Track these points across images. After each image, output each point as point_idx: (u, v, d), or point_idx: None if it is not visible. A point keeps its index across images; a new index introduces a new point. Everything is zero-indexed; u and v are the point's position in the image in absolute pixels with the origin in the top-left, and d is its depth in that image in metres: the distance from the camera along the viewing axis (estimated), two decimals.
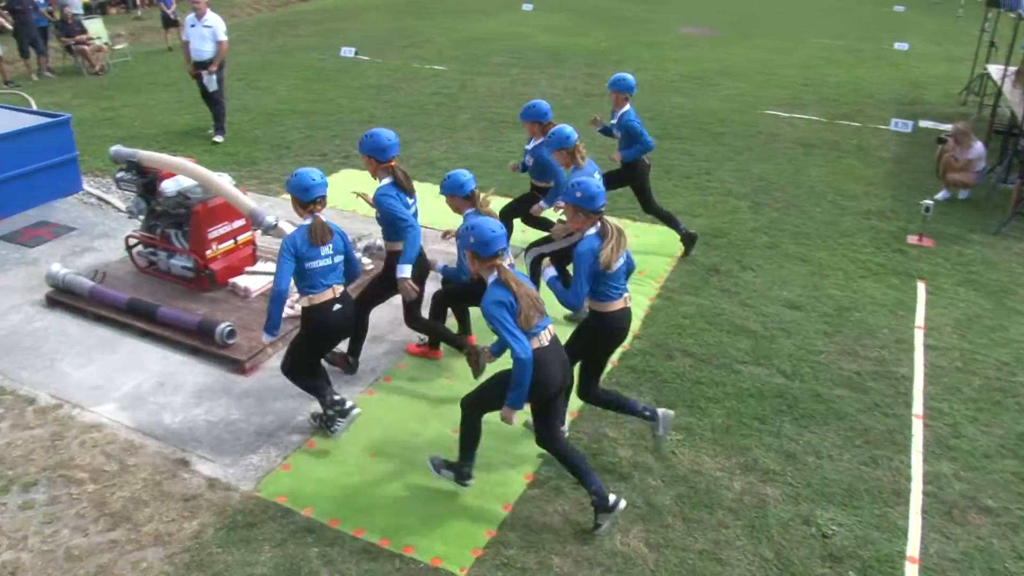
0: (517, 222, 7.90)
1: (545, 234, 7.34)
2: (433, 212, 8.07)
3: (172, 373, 6.37)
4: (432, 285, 6.60)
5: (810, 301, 7.58)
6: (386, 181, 5.98)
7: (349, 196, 8.43)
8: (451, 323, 6.70)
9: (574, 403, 5.96)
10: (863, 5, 29.25)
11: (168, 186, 7.29)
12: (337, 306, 5.40)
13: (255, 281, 7.42)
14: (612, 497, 4.83)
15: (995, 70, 13.13)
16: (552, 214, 7.66)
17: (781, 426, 5.85)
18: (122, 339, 6.82)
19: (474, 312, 6.46)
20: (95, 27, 17.92)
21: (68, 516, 4.95)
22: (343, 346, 6.24)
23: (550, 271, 5.40)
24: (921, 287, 7.92)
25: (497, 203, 7.10)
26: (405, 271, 5.80)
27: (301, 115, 13.50)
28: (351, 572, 4.57)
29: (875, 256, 8.53)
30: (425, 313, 6.43)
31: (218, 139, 11.95)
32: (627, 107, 8.20)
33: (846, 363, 6.63)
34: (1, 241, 8.69)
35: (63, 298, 7.29)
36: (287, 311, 5.88)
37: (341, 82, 15.90)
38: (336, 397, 5.57)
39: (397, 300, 6.24)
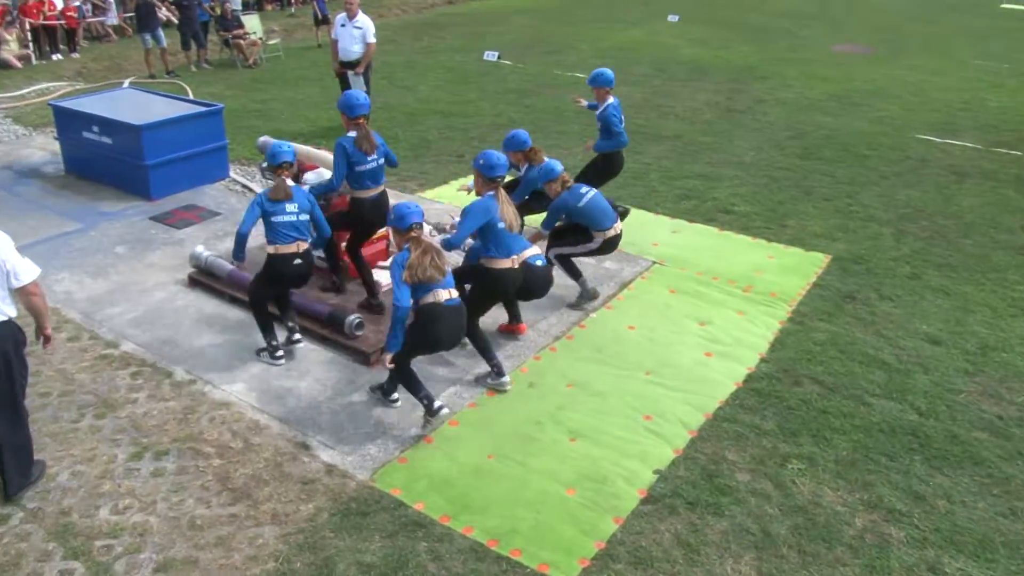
0: None
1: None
2: None
3: (300, 359, 6.59)
4: None
5: (952, 337, 7.20)
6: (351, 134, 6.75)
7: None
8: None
9: (693, 423, 5.87)
10: None
11: (310, 178, 7.54)
12: (297, 260, 6.28)
13: (386, 276, 7.59)
14: (437, 403, 5.65)
15: None
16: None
17: (911, 465, 5.57)
18: (255, 323, 7.08)
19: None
20: (251, 23, 18.79)
21: (194, 487, 5.18)
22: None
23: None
24: None
25: None
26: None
27: (441, 115, 13.75)
28: (457, 570, 4.61)
29: None
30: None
31: None
32: (610, 100, 8.71)
33: (988, 405, 6.27)
34: (152, 221, 9.20)
35: (204, 279, 7.65)
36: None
37: (482, 85, 16.12)
38: (275, 343, 6.49)
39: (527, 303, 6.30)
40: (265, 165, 7.77)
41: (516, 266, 6.28)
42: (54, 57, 17.83)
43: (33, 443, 5.18)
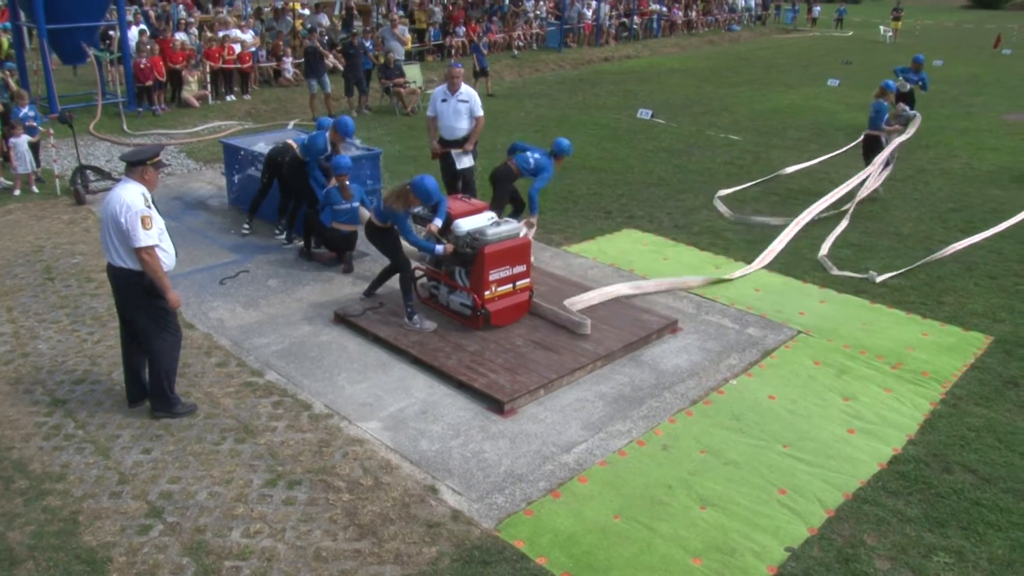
0: None
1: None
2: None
3: (435, 403, 6.72)
4: None
5: None
6: None
7: (624, 257, 8.48)
8: None
9: (831, 502, 5.63)
10: None
11: (461, 226, 7.75)
12: None
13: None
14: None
15: None
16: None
17: None
18: (395, 363, 7.30)
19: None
20: (412, 72, 19.57)
21: (322, 519, 5.33)
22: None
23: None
24: None
25: None
26: None
27: (591, 171, 13.88)
28: None
29: None
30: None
31: None
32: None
33: None
34: (299, 258, 9.64)
35: (349, 317, 7.94)
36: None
37: (634, 142, 16.19)
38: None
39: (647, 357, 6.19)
40: (418, 211, 8.01)
41: None
42: (228, 98, 19.05)
43: (172, 382, 6.33)
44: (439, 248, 7.67)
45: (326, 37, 18.22)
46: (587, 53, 29.79)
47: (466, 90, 10.54)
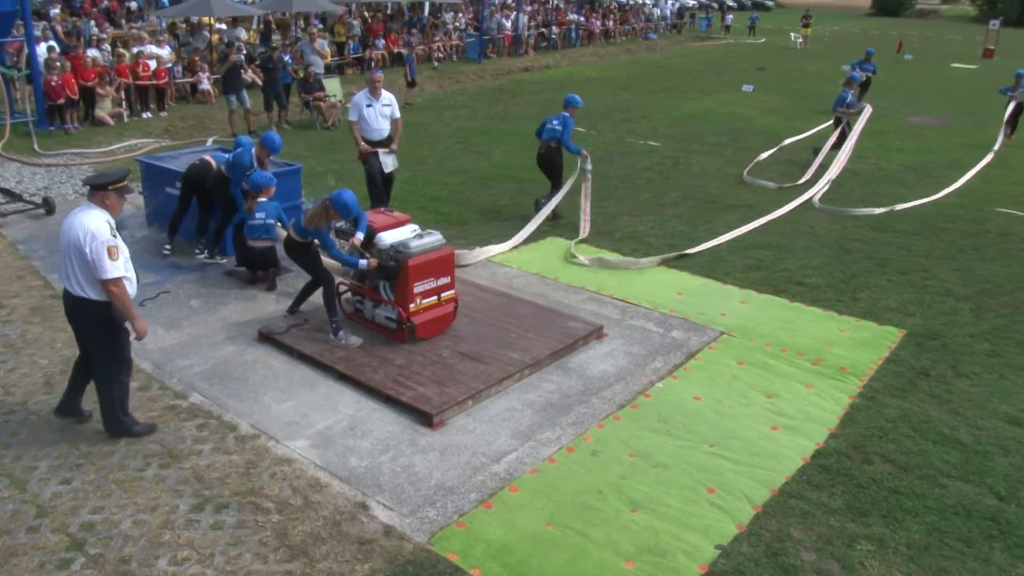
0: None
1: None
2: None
3: (364, 418, 6.66)
4: None
5: None
6: None
7: (548, 265, 8.54)
8: None
9: (758, 498, 5.74)
10: None
11: (384, 239, 7.70)
12: None
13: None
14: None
15: None
16: None
17: (990, 553, 5.33)
18: (321, 379, 7.21)
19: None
20: (332, 86, 19.41)
21: (252, 542, 5.23)
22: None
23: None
24: None
25: None
26: None
27: (514, 180, 13.94)
28: None
29: None
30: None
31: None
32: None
33: None
34: (225, 276, 9.46)
35: (273, 334, 7.82)
36: None
37: None
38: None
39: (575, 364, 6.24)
40: (340, 225, 7.93)
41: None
42: (144, 115, 18.61)
43: (126, 406, 6.24)
44: (362, 263, 7.62)
45: (244, 51, 17.92)
46: (507, 63, 29.95)
47: (387, 95, 11.36)
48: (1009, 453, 6.41)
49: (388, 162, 11.35)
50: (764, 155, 16.12)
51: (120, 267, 5.78)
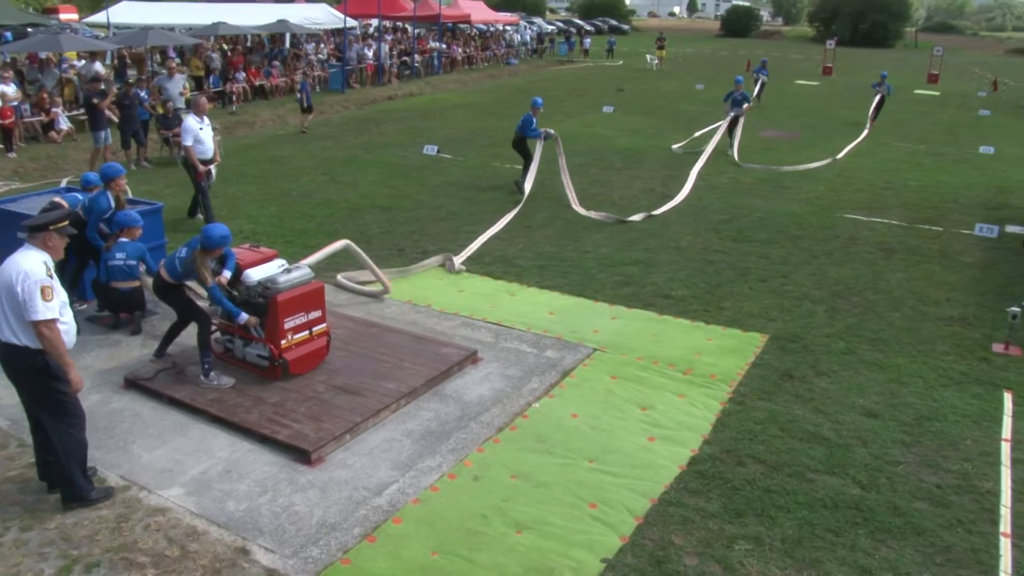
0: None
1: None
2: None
3: (239, 460, 6.46)
4: None
5: (888, 410, 7.34)
6: None
7: (421, 292, 8.53)
8: None
9: (639, 509, 5.85)
10: (946, 110, 29.05)
11: (251, 275, 7.52)
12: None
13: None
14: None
15: None
16: None
17: (856, 539, 5.60)
18: (193, 423, 6.95)
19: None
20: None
21: None
22: None
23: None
24: (1008, 398, 7.61)
25: None
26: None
27: (381, 210, 13.85)
28: None
29: (957, 364, 8.26)
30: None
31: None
32: None
33: (926, 475, 6.36)
34: (87, 322, 9.03)
35: (141, 381, 7.51)
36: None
37: (422, 178, 16.33)
38: None
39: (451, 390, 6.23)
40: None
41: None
42: None
43: (84, 467, 5.86)
44: (243, 317, 7.37)
45: (102, 86, 17.17)
46: (371, 93, 29.85)
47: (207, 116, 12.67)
48: (867, 444, 6.76)
49: (214, 174, 12.67)
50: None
51: (54, 309, 5.40)
